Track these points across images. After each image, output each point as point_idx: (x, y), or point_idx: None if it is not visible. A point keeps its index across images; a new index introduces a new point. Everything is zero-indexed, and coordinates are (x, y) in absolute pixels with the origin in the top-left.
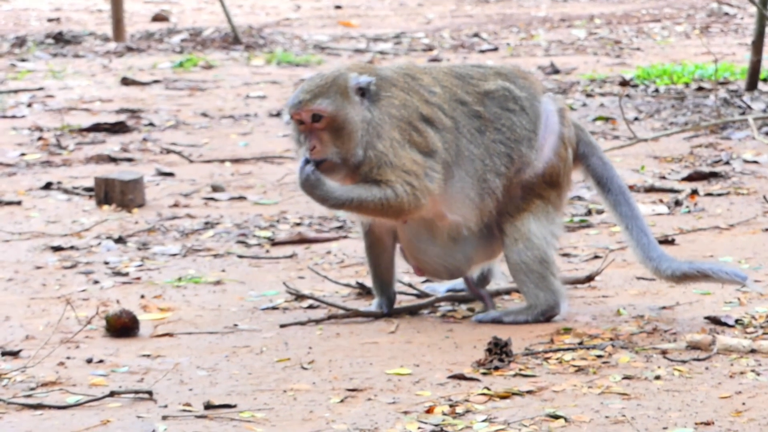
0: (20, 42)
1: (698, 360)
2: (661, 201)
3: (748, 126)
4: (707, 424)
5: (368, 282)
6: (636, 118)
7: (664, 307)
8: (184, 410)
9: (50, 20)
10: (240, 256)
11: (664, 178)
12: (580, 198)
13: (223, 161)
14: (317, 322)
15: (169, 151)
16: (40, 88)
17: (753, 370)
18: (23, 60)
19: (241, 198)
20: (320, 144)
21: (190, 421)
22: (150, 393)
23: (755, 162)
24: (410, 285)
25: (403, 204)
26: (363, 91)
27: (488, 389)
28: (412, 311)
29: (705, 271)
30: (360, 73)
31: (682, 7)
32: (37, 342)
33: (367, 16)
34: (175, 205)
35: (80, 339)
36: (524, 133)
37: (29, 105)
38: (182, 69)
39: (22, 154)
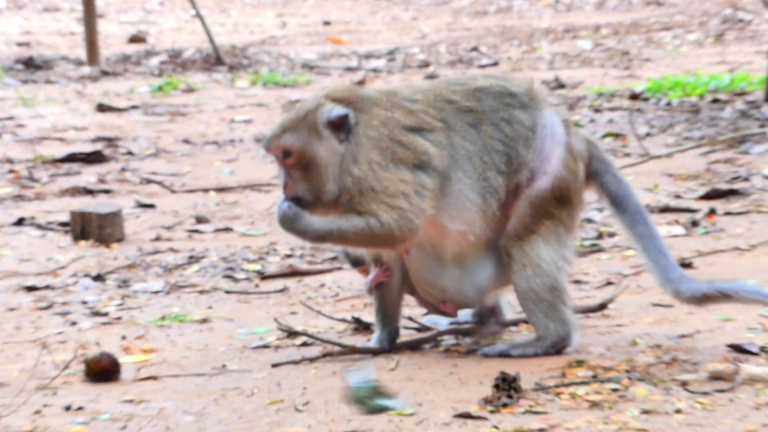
0: None
1: (721, 391)
2: (677, 222)
3: None
4: None
5: (365, 316)
6: (648, 134)
7: (683, 336)
8: None
9: (20, 44)
10: (227, 292)
11: (679, 197)
12: (590, 221)
13: (207, 190)
14: (312, 360)
15: (149, 181)
16: (10, 117)
17: None
18: None
19: (228, 229)
20: (291, 181)
21: None
22: None
23: None
24: (410, 318)
25: (392, 231)
26: (335, 125)
27: (496, 428)
28: (413, 346)
29: (726, 291)
30: (337, 103)
31: (694, 14)
32: (12, 389)
33: (358, 32)
34: (157, 239)
35: (58, 385)
36: (522, 130)
37: None
38: (162, 93)
39: None
